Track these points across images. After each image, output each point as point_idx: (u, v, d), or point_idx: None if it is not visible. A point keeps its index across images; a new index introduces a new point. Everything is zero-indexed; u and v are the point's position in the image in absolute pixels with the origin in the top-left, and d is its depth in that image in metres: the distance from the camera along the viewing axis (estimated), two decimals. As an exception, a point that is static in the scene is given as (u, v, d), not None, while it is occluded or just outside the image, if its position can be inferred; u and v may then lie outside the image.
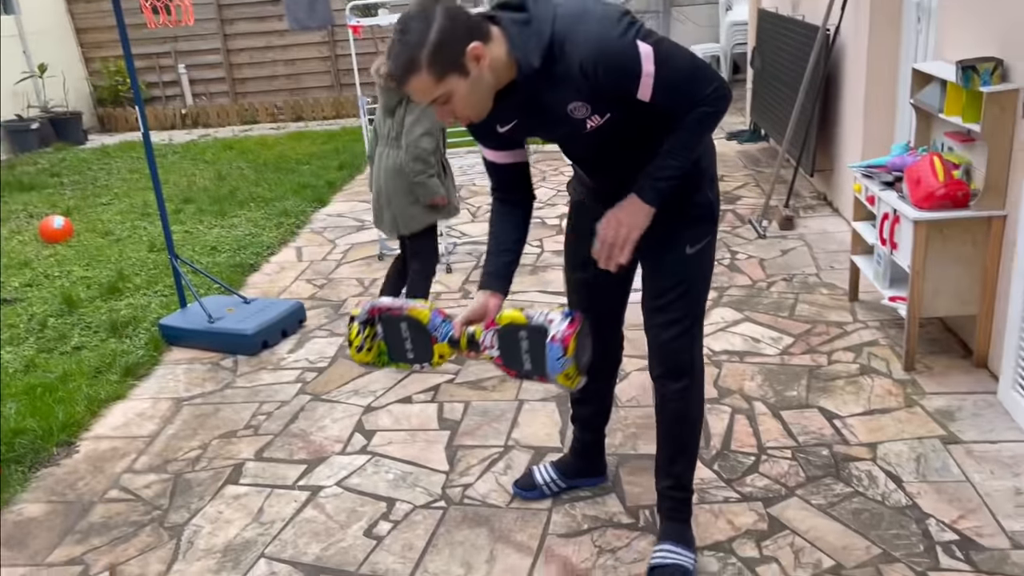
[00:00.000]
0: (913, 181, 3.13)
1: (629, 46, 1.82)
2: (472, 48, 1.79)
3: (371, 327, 2.20)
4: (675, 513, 2.35)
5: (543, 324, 2.04)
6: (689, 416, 2.32)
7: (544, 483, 2.70)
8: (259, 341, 3.89)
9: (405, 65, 1.78)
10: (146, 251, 5.42)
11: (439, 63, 1.77)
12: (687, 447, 2.35)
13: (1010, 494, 2.50)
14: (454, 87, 1.82)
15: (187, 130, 10.49)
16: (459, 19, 1.80)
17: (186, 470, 3.01)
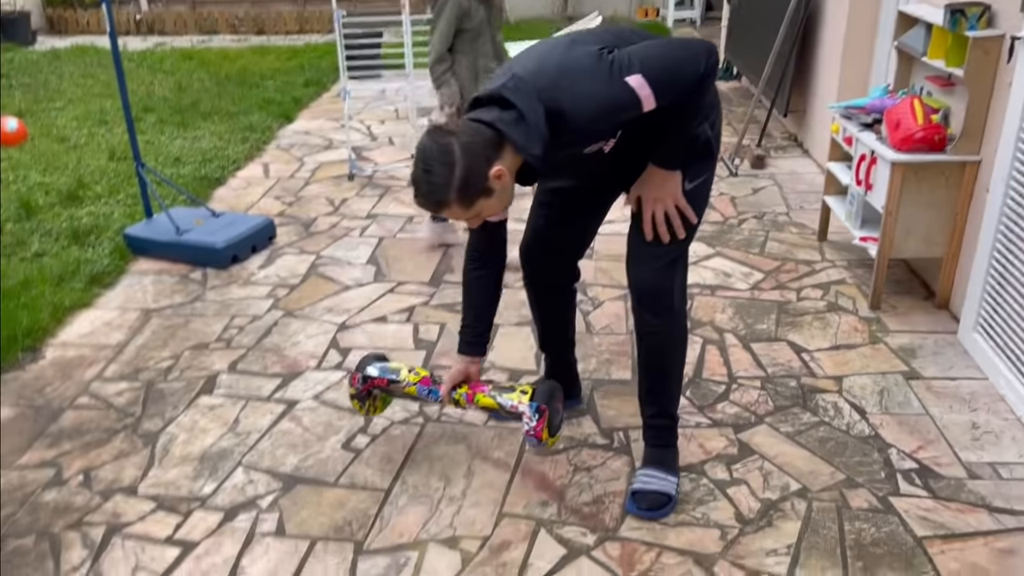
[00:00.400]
0: (892, 123, 3.18)
1: (621, 90, 1.90)
2: (494, 173, 1.93)
3: (369, 398, 2.54)
4: (658, 440, 2.40)
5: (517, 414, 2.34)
6: (669, 350, 2.34)
7: None
8: (229, 255, 3.82)
9: (436, 204, 1.95)
10: (106, 159, 5.25)
11: (466, 197, 1.93)
12: (668, 378, 2.38)
13: (967, 427, 2.62)
14: (482, 207, 1.98)
15: (142, 37, 10.08)
16: (476, 151, 1.90)
17: (158, 379, 2.98)
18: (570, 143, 2.00)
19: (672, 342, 2.33)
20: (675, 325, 2.30)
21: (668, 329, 2.29)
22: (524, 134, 1.90)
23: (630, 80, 1.89)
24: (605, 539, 2.22)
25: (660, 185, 2.17)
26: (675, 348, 2.36)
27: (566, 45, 1.98)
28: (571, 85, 1.90)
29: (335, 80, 7.55)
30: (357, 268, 3.83)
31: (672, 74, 1.94)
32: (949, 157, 3.08)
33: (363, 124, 6.18)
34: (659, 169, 2.17)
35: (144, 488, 2.44)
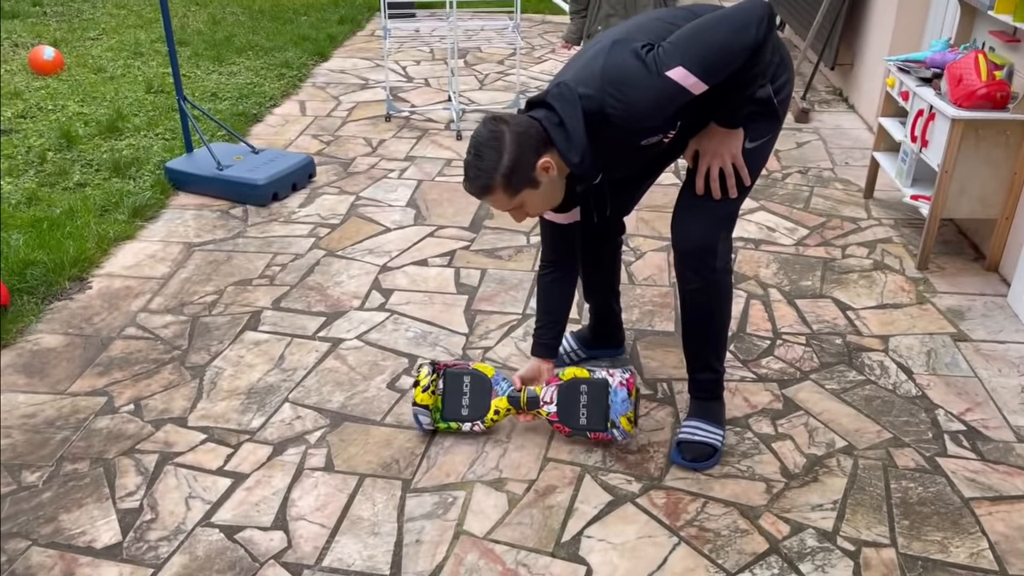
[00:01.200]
0: (954, 79, 3.09)
1: (664, 84, 1.88)
2: (541, 164, 1.96)
3: (436, 378, 2.39)
4: (703, 392, 2.39)
5: (604, 378, 2.32)
6: (712, 307, 2.31)
7: (565, 352, 2.74)
8: (270, 192, 3.81)
9: (482, 188, 1.98)
10: (143, 91, 5.22)
11: (512, 184, 1.96)
12: (711, 334, 2.35)
13: (1016, 391, 2.60)
14: (527, 198, 2.01)
15: (173, -31, 9.93)
16: (527, 141, 1.95)
17: (203, 314, 3.00)
18: (619, 144, 2.02)
19: (714, 300, 2.29)
20: (718, 284, 2.26)
21: (710, 287, 2.25)
22: (564, 139, 1.94)
23: (671, 74, 1.87)
24: (650, 487, 2.23)
25: (721, 141, 2.13)
26: (718, 305, 2.32)
27: (608, 48, 1.96)
28: (615, 90, 1.91)
29: (369, 18, 7.44)
30: (396, 210, 3.81)
31: (718, 54, 1.89)
32: (1012, 115, 3.00)
33: (398, 64, 6.10)
34: (719, 128, 2.13)
35: (194, 419, 2.48)
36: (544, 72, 5.91)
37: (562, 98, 1.95)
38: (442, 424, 2.41)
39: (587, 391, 2.34)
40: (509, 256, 3.42)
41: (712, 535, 2.08)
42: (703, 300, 2.28)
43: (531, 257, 3.40)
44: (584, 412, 2.33)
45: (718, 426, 2.36)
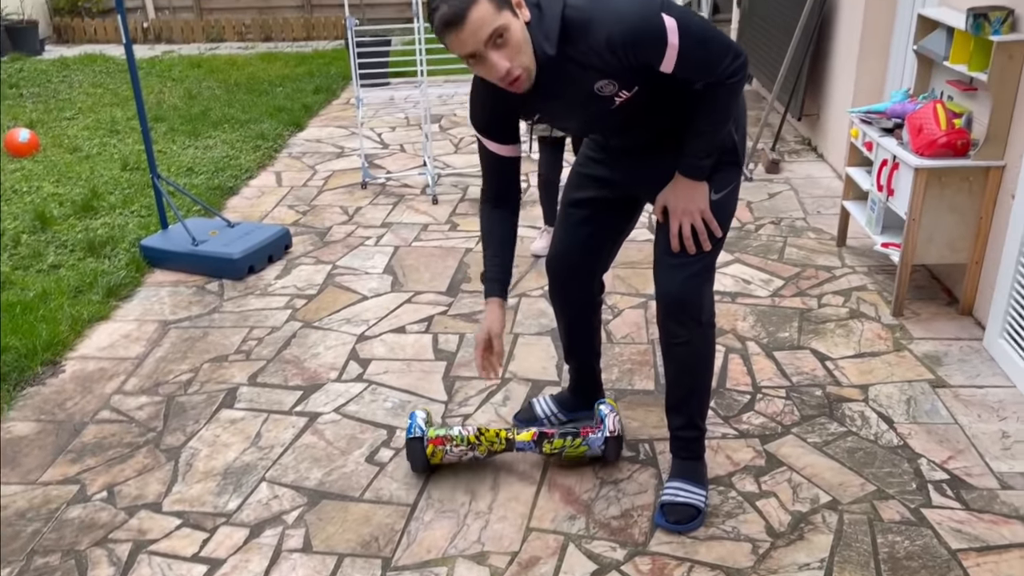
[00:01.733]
0: (915, 128, 3.15)
1: (655, 18, 1.85)
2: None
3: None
4: (685, 452, 2.37)
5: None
6: (696, 362, 2.30)
7: (544, 416, 2.72)
8: (245, 266, 3.81)
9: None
10: (119, 169, 5.24)
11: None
12: (695, 390, 2.34)
13: (997, 437, 2.59)
14: (510, 22, 1.83)
15: (149, 45, 10.09)
16: None
17: (178, 393, 2.97)
18: (580, 63, 1.91)
19: (699, 354, 2.30)
20: (702, 337, 2.27)
21: (695, 341, 2.25)
22: (538, 26, 1.87)
23: (666, 18, 1.85)
24: (635, 554, 2.20)
25: (688, 197, 2.15)
26: (702, 360, 2.32)
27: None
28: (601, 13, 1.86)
29: (344, 87, 7.55)
30: (374, 278, 3.81)
31: (703, 42, 1.91)
32: (973, 162, 3.05)
33: (374, 131, 6.17)
34: (685, 179, 2.14)
35: (169, 504, 2.43)
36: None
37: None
38: (432, 431, 2.45)
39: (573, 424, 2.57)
40: (487, 320, 3.41)
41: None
42: (687, 355, 2.27)
43: (508, 319, 3.39)
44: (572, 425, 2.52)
45: (700, 486, 2.34)
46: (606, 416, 2.47)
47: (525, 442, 2.45)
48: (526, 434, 2.46)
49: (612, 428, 2.45)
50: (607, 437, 2.45)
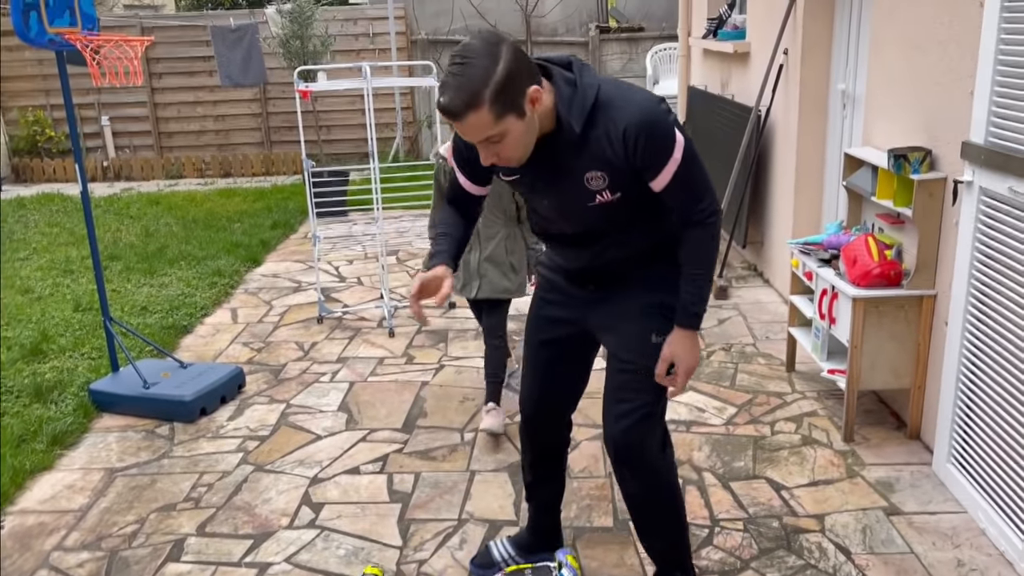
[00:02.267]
0: (850, 260, 3.30)
1: (671, 127, 1.94)
2: (533, 90, 1.82)
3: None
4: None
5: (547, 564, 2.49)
6: (654, 509, 2.25)
7: (502, 559, 2.66)
8: (197, 408, 3.76)
9: (467, 100, 1.76)
10: (71, 310, 5.20)
11: (502, 102, 1.77)
12: (660, 536, 2.28)
13: (953, 565, 2.60)
14: (510, 127, 1.83)
15: (109, 183, 10.20)
16: (524, 60, 1.83)
17: (122, 547, 2.86)
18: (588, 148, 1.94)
19: (655, 501, 2.25)
20: (656, 482, 2.22)
21: (649, 487, 2.22)
22: (571, 100, 1.89)
23: (677, 132, 1.93)
24: None
25: (685, 348, 2.11)
26: (661, 506, 2.26)
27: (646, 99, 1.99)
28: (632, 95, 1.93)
29: (302, 221, 7.67)
30: (328, 416, 3.78)
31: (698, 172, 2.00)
32: (907, 292, 3.19)
33: (331, 265, 6.24)
34: (683, 332, 2.11)
35: (106, 672, 2.30)
36: (473, 265, 6.10)
37: (584, 69, 1.94)
38: None
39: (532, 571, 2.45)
40: (443, 456, 3.38)
41: None
42: (642, 503, 2.25)
43: (465, 456, 3.37)
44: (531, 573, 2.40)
45: None
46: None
47: None
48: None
49: None
50: None
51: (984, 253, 2.75)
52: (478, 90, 1.75)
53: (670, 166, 1.94)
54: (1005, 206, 2.62)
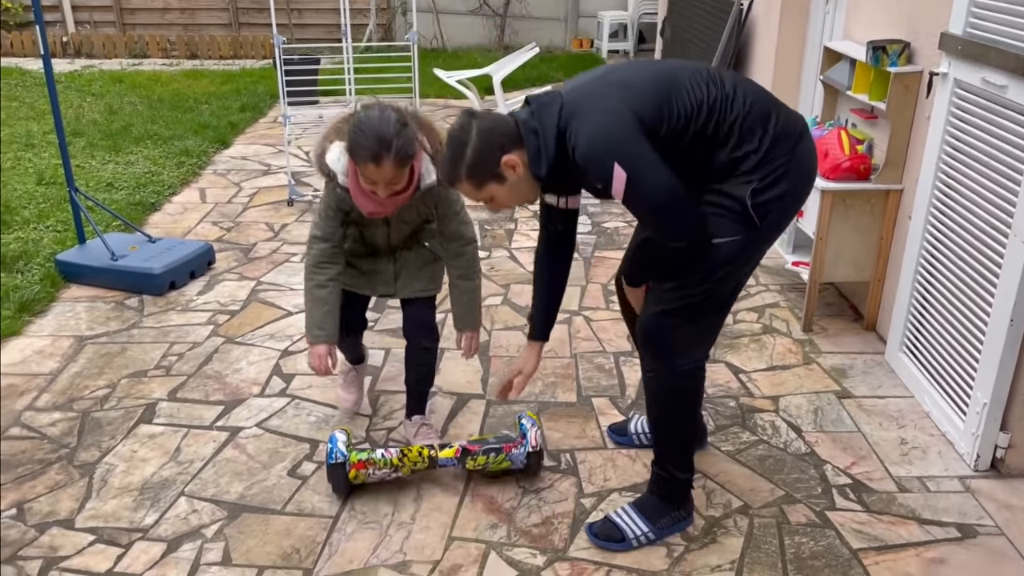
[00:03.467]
0: (822, 153, 3.32)
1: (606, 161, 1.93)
2: (506, 160, 2.01)
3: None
4: (652, 484, 2.37)
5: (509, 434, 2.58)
6: (660, 398, 2.26)
7: (635, 433, 2.72)
8: (166, 281, 3.75)
9: (448, 177, 2.07)
10: (34, 183, 5.09)
11: (476, 176, 2.02)
12: (661, 428, 2.31)
13: (896, 443, 2.74)
14: (494, 192, 2.06)
15: (69, 60, 9.82)
16: (493, 136, 2.00)
17: (94, 409, 2.90)
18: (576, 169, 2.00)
19: (664, 390, 2.24)
20: (670, 374, 2.20)
21: (662, 375, 2.21)
22: (535, 148, 2.01)
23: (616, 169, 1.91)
24: (555, 559, 2.24)
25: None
26: (667, 399, 2.25)
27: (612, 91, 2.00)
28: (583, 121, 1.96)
29: (271, 105, 7.49)
30: (298, 294, 3.80)
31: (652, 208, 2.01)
32: (874, 185, 3.23)
33: (301, 150, 6.14)
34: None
35: (82, 520, 2.37)
36: (446, 154, 6.04)
37: (544, 107, 2.01)
38: (355, 455, 2.42)
39: (495, 437, 2.55)
40: (412, 335, 3.43)
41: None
42: (653, 387, 2.26)
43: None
44: (494, 438, 2.52)
45: (645, 521, 2.30)
46: (528, 431, 2.50)
47: (448, 459, 2.48)
48: (449, 451, 2.47)
49: (534, 443, 2.48)
50: (529, 452, 2.48)
51: (952, 146, 2.79)
52: (455, 171, 2.04)
53: (615, 194, 1.97)
54: (976, 97, 2.64)
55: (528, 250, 4.28)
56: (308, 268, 2.53)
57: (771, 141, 2.02)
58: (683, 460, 2.33)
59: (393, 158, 2.22)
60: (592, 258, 4.21)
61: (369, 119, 2.24)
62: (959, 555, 2.26)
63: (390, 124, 2.22)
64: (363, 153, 2.23)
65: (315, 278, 2.51)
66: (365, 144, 2.21)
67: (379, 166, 2.23)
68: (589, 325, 3.53)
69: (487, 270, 4.05)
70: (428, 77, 7.66)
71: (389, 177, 2.27)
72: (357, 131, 2.24)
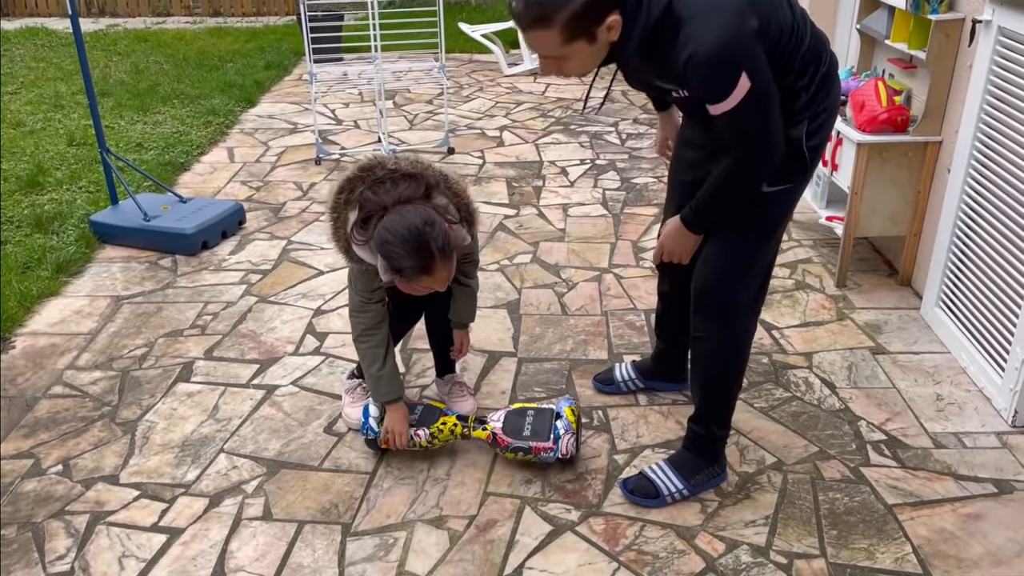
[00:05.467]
0: (857, 105, 3.25)
1: (737, 71, 1.75)
2: (611, 20, 1.76)
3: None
4: (686, 441, 2.36)
5: (550, 407, 2.46)
6: (713, 360, 2.21)
7: (622, 380, 2.75)
8: (199, 241, 3.78)
9: (536, 18, 1.71)
10: (65, 144, 5.13)
11: (574, 28, 1.73)
12: (709, 387, 2.27)
13: (931, 399, 2.72)
14: (577, 51, 1.78)
15: (93, 19, 9.83)
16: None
17: (133, 367, 2.96)
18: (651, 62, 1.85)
19: (717, 353, 2.19)
20: (725, 335, 2.16)
21: (714, 336, 2.16)
22: (632, 21, 1.77)
23: (742, 79, 1.74)
24: (589, 515, 2.27)
25: (673, 238, 2.11)
26: (720, 360, 2.21)
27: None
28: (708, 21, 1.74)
29: (296, 63, 7.46)
30: (329, 253, 3.82)
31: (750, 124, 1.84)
32: (912, 138, 3.16)
33: (327, 107, 6.12)
34: (678, 223, 2.08)
35: (126, 476, 2.43)
36: (473, 110, 6.01)
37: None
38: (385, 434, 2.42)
39: (533, 415, 2.44)
40: (443, 293, 3.45)
41: (651, 558, 2.12)
42: (704, 349, 2.21)
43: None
44: (528, 429, 2.40)
45: (680, 478, 2.29)
46: (560, 436, 2.36)
47: (480, 439, 2.45)
48: (481, 433, 2.44)
49: (564, 452, 2.36)
50: (559, 458, 2.38)
51: (995, 95, 2.72)
52: (550, 13, 1.70)
53: (724, 105, 1.79)
54: (1021, 46, 2.56)
55: (557, 207, 4.26)
56: (355, 341, 2.39)
57: (820, 80, 1.95)
58: (725, 418, 2.31)
59: (441, 261, 2.07)
60: (622, 214, 4.18)
61: (395, 233, 2.05)
62: (996, 510, 2.25)
63: (419, 230, 2.04)
64: (411, 271, 2.09)
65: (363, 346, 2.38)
66: (409, 264, 2.07)
67: (432, 275, 2.10)
68: (619, 283, 3.52)
69: (515, 227, 4.04)
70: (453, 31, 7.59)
71: (444, 275, 2.13)
72: (390, 251, 2.07)
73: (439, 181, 2.22)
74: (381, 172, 2.16)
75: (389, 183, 2.14)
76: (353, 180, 2.19)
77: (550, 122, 5.72)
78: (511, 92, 6.51)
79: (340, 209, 2.19)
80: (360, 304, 2.34)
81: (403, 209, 2.10)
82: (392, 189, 2.13)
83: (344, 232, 2.18)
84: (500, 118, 5.81)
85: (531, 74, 7.04)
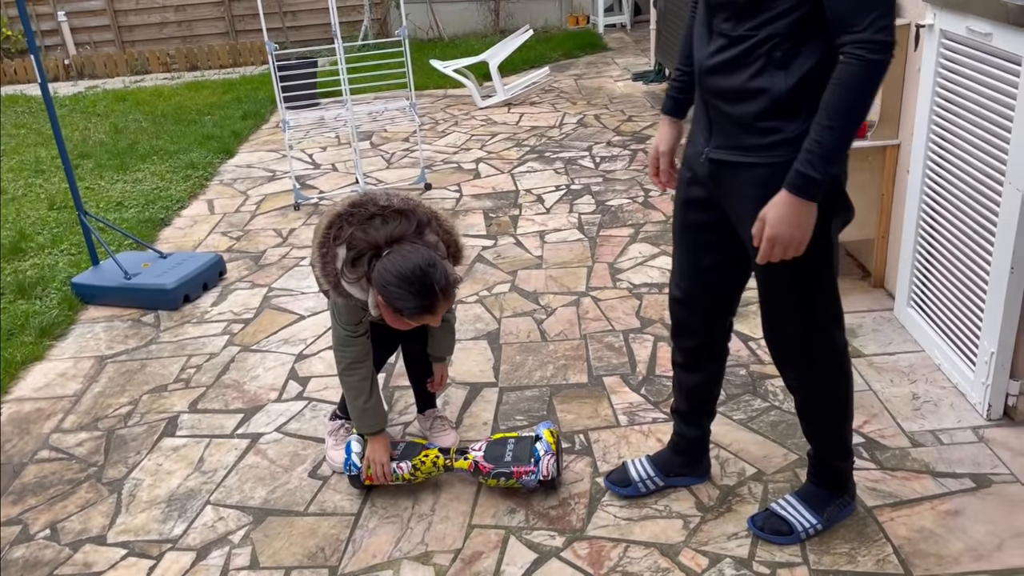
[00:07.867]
0: (815, 114, 3.31)
1: None
2: None
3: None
4: (810, 475, 2.27)
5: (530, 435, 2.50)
6: (814, 402, 2.12)
7: (640, 479, 2.43)
8: (180, 295, 3.82)
9: None
10: (46, 209, 5.19)
11: None
12: (819, 424, 2.16)
13: (907, 399, 2.75)
14: None
15: (72, 82, 9.94)
16: None
17: (118, 426, 2.98)
18: None
19: (816, 396, 2.11)
20: (820, 378, 2.06)
21: (810, 384, 2.08)
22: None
23: None
24: (573, 539, 2.28)
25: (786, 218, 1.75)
26: (822, 400, 2.11)
27: None
28: None
29: (273, 110, 7.55)
30: (310, 297, 3.86)
31: None
32: (871, 143, 3.22)
33: (305, 153, 6.19)
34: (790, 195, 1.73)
35: (113, 536, 2.44)
36: (449, 145, 6.08)
37: None
38: (369, 469, 2.45)
39: (514, 443, 2.48)
40: (423, 329, 3.48)
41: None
42: (804, 397, 2.13)
43: (445, 328, 3.46)
44: (510, 455, 2.43)
45: (814, 514, 2.20)
46: (541, 458, 2.38)
47: (461, 469, 2.48)
48: (463, 463, 2.46)
49: (545, 473, 2.37)
50: (540, 480, 2.40)
51: (943, 97, 2.78)
52: None
53: None
54: (962, 47, 2.63)
55: (534, 235, 4.31)
56: (341, 375, 2.43)
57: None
58: (846, 450, 2.18)
59: (444, 301, 2.11)
60: (598, 237, 4.23)
61: (398, 275, 2.06)
62: (974, 505, 2.27)
63: (422, 271, 2.07)
64: (412, 312, 2.10)
65: (349, 380, 2.42)
66: (412, 305, 2.09)
67: (435, 313, 2.13)
68: (597, 305, 3.56)
69: (493, 258, 4.08)
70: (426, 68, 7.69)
71: (443, 312, 2.15)
72: (393, 292, 2.08)
73: (430, 218, 2.25)
74: (372, 208, 2.18)
75: (379, 220, 2.16)
76: (343, 216, 2.19)
77: (525, 151, 5.79)
78: (486, 124, 6.59)
79: (328, 245, 2.19)
80: (345, 338, 2.37)
81: (403, 249, 2.11)
82: (382, 226, 2.15)
83: (333, 268, 2.19)
84: (476, 150, 5.88)
85: (505, 105, 7.13)
